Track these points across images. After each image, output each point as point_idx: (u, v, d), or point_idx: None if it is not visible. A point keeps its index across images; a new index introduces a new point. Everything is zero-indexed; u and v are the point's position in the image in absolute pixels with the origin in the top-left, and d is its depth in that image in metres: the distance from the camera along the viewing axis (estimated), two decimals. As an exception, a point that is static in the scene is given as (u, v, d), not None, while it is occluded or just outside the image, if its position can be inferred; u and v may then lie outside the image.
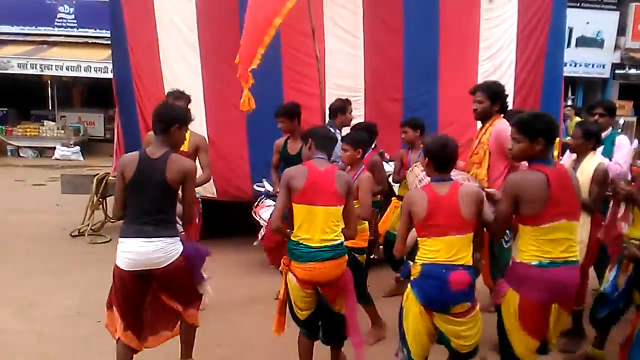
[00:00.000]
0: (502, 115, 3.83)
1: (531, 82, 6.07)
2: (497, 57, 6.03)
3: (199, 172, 3.64)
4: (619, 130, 5.34)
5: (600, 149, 4.00)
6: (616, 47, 15.48)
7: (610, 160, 4.16)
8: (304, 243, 2.98)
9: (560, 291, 2.66)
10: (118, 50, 5.75)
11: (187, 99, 4.35)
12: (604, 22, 15.15)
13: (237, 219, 5.73)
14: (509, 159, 3.35)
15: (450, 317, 2.67)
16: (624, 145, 4.33)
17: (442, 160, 2.77)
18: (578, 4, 14.78)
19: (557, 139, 4.50)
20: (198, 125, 5.56)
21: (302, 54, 5.60)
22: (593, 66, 15.41)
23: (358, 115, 5.86)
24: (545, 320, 2.69)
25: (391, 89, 5.93)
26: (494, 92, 3.79)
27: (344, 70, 5.81)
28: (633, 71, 15.73)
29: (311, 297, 3.08)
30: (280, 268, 3.18)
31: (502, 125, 3.70)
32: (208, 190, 5.59)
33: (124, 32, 5.61)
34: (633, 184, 3.46)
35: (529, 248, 2.66)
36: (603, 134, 4.12)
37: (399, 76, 5.91)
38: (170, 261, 2.88)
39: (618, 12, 15.21)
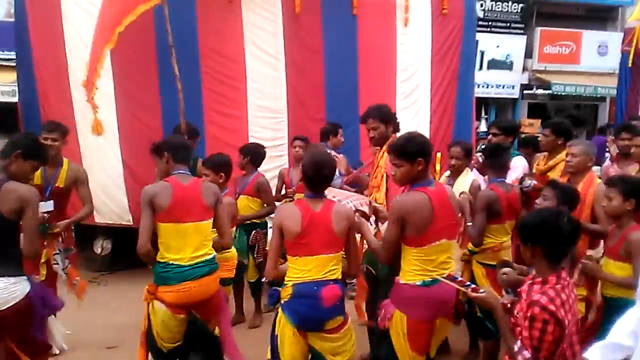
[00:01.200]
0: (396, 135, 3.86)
1: (445, 102, 6.38)
2: (413, 79, 6.29)
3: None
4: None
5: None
6: (524, 69, 16.59)
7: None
8: (175, 263, 2.84)
9: (443, 307, 2.75)
10: (24, 72, 5.39)
11: (63, 132, 4.04)
12: (512, 45, 16.21)
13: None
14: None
15: (325, 334, 2.66)
16: (517, 167, 4.35)
17: (316, 179, 2.72)
18: (488, 29, 15.76)
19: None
20: (110, 151, 5.39)
21: (223, 76, 5.55)
22: (504, 87, 16.42)
23: (281, 136, 5.90)
24: (431, 336, 2.79)
25: (313, 110, 6.00)
26: (385, 115, 3.78)
27: (266, 92, 5.81)
28: (540, 91, 16.90)
29: (182, 324, 2.94)
30: (143, 298, 2.98)
31: None
32: (123, 217, 5.37)
33: (30, 53, 5.28)
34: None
35: (413, 268, 2.70)
36: None
37: (320, 97, 6.00)
38: (10, 304, 2.57)
39: (525, 36, 16.34)
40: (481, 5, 15.54)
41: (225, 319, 3.08)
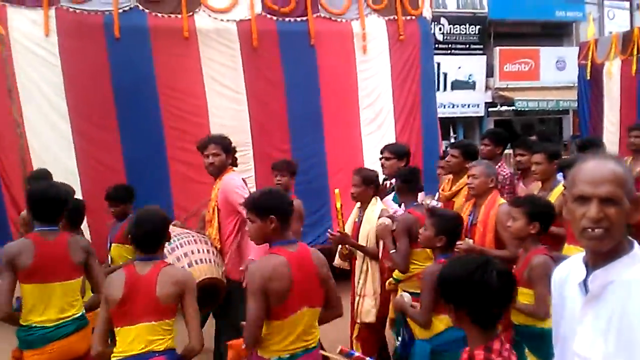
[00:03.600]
0: (233, 167, 3.79)
1: (410, 125, 6.43)
2: (376, 104, 6.33)
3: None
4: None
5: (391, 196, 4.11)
6: (487, 87, 17.03)
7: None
8: (40, 326, 2.66)
9: None
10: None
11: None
12: (473, 65, 16.65)
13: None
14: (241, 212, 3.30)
15: None
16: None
17: (144, 240, 2.49)
18: (449, 52, 16.18)
19: None
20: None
21: (184, 113, 5.49)
22: (469, 106, 16.79)
23: (247, 169, 5.82)
24: None
25: (278, 141, 5.96)
26: (228, 145, 3.69)
27: (230, 127, 5.74)
28: (504, 108, 17.32)
29: None
30: None
31: (227, 179, 3.58)
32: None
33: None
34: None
35: (271, 343, 2.40)
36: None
37: (284, 128, 5.98)
38: None
39: (485, 56, 16.81)
40: (440, 29, 15.98)
41: None
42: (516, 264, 3.00)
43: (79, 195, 5.23)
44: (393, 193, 4.12)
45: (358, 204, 3.91)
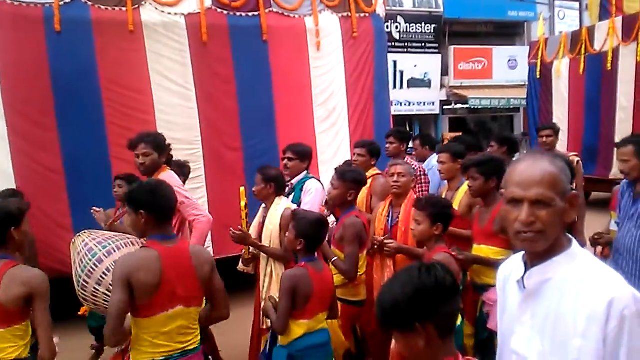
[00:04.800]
0: (169, 166, 3.60)
1: (364, 123, 6.41)
2: (330, 102, 6.27)
3: None
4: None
5: (292, 196, 3.94)
6: (442, 86, 17.29)
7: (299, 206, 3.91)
8: None
9: None
10: None
11: None
12: (429, 64, 16.87)
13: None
14: (181, 210, 3.30)
15: None
16: (310, 190, 4.02)
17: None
18: (405, 50, 16.33)
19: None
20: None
21: (128, 109, 5.25)
22: (425, 104, 17.01)
23: (197, 167, 5.63)
24: None
25: (229, 139, 5.81)
26: (160, 144, 3.54)
27: (178, 124, 5.56)
28: (459, 106, 17.64)
29: None
30: None
31: (164, 178, 3.30)
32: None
33: None
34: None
35: (143, 344, 2.27)
36: (295, 179, 4.05)
37: (235, 126, 5.83)
38: None
39: (440, 55, 17.05)
40: (396, 27, 16.11)
41: None
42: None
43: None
44: (292, 194, 3.96)
45: (264, 205, 3.72)
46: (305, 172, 4.17)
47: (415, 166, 4.83)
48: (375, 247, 3.44)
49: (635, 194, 3.39)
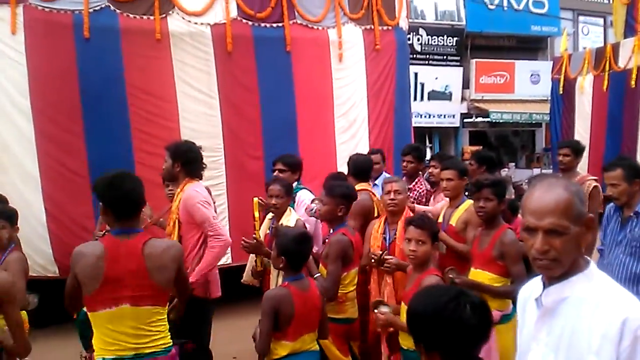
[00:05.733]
0: (194, 178, 3.47)
1: (384, 135, 6.43)
2: (350, 113, 6.31)
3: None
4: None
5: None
6: (463, 99, 17.16)
7: None
8: None
9: None
10: None
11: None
12: (450, 77, 16.77)
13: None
14: (203, 229, 3.27)
15: None
16: (304, 202, 4.04)
17: None
18: (427, 62, 16.29)
19: None
20: (34, 200, 5.06)
21: (153, 116, 5.36)
22: (445, 117, 16.89)
23: (219, 174, 5.72)
24: None
25: (251, 148, 5.87)
26: (178, 151, 3.45)
27: (201, 131, 5.64)
28: (479, 119, 17.50)
29: None
30: None
31: (189, 191, 3.35)
32: (48, 269, 5.01)
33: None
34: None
35: (96, 340, 2.28)
36: None
37: (258, 135, 5.89)
38: None
39: (462, 68, 16.96)
40: (418, 40, 16.08)
41: None
42: (406, 284, 2.95)
43: (39, 200, 5.07)
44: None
45: (270, 215, 3.70)
46: (296, 182, 4.19)
47: (422, 191, 4.79)
48: (373, 262, 3.35)
49: (623, 220, 3.27)
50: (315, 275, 3.25)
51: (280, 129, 5.96)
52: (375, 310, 3.00)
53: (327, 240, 3.44)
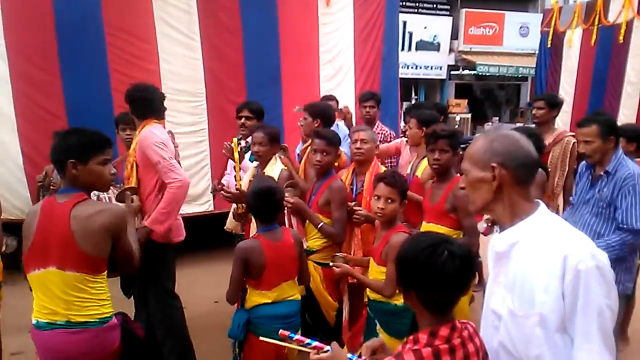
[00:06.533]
0: (152, 119, 3.31)
1: (370, 84, 6.32)
2: (336, 61, 6.17)
3: None
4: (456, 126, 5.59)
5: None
6: (451, 50, 16.95)
7: None
8: None
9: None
10: None
11: None
12: (439, 26, 16.49)
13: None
14: (158, 171, 3.16)
15: None
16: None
17: None
18: (415, 10, 15.94)
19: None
20: (10, 141, 4.93)
21: (132, 57, 5.17)
22: (432, 68, 16.72)
23: (201, 120, 5.62)
24: None
25: (233, 93, 5.72)
26: (131, 94, 3.31)
27: (182, 75, 5.48)
28: (466, 72, 17.37)
29: None
30: None
31: (145, 133, 3.22)
32: (24, 211, 4.94)
33: None
34: None
35: (35, 303, 2.25)
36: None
37: (241, 80, 5.74)
38: None
39: (451, 18, 16.66)
40: (408, -14, 15.67)
41: None
42: (374, 241, 2.94)
43: (15, 141, 4.94)
44: (250, 152, 3.78)
45: (255, 163, 3.62)
46: None
47: (386, 132, 4.91)
48: None
49: (593, 178, 3.17)
50: (320, 225, 3.27)
51: (264, 74, 5.81)
52: (331, 264, 3.03)
53: (320, 188, 3.38)
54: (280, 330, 1.80)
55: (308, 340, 1.71)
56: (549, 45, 11.06)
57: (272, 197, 2.76)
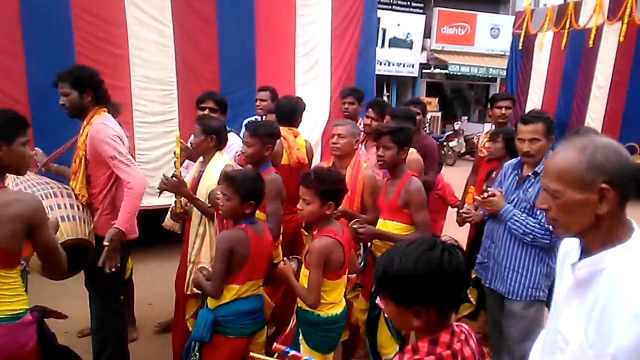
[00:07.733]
0: (102, 106, 3.04)
1: (345, 79, 6.24)
2: (312, 54, 6.06)
3: None
4: (426, 125, 5.49)
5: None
6: (423, 48, 17.06)
7: None
8: None
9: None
10: None
11: None
12: (412, 24, 16.56)
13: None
14: (111, 166, 2.92)
15: None
16: (231, 146, 3.78)
17: None
18: (390, 7, 15.96)
19: None
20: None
21: (100, 41, 4.92)
22: (404, 65, 16.81)
23: (171, 110, 5.42)
24: None
25: (207, 83, 5.52)
26: (79, 79, 2.95)
27: (153, 62, 5.25)
28: (437, 70, 17.52)
29: None
30: None
31: (97, 125, 2.93)
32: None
33: None
34: None
35: None
36: None
37: (214, 69, 5.57)
38: None
39: (424, 16, 16.75)
40: (383, -18, 15.67)
41: None
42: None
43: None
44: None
45: (200, 158, 3.36)
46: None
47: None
48: None
49: (520, 179, 2.97)
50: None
51: (239, 65, 5.65)
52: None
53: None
54: (275, 345, 1.68)
55: (305, 357, 1.62)
56: (520, 47, 11.22)
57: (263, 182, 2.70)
